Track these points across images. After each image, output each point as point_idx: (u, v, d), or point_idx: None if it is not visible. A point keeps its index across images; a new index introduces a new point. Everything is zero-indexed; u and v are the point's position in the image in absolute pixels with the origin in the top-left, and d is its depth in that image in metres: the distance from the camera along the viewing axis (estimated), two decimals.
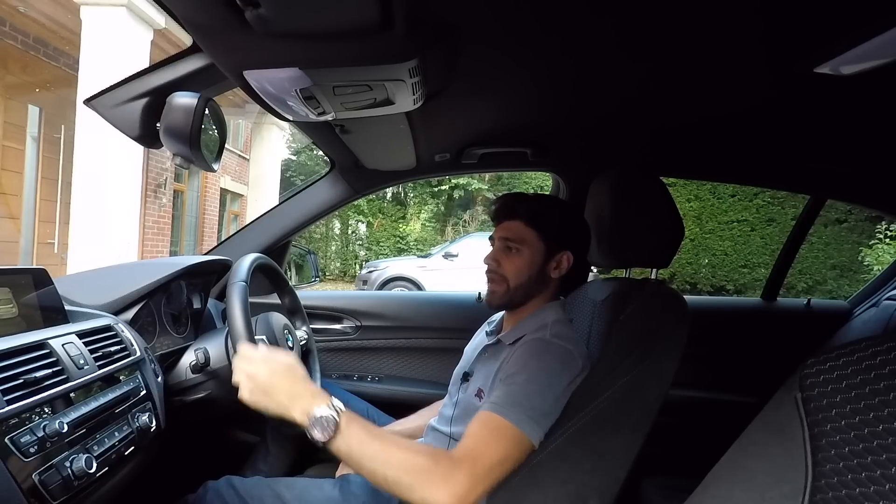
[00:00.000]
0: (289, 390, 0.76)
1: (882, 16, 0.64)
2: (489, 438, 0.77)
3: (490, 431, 0.78)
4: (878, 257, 6.85)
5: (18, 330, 0.71)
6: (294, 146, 14.39)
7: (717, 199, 8.61)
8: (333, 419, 0.73)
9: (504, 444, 0.76)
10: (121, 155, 4.41)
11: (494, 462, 0.75)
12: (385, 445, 0.74)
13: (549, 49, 0.84)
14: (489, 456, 0.75)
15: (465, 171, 1.57)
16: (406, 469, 0.72)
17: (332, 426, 0.72)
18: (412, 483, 0.71)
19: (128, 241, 4.71)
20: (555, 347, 0.87)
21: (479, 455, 0.75)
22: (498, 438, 0.77)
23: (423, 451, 0.75)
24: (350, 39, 0.62)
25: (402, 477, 0.71)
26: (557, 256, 0.98)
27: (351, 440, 0.73)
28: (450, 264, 7.82)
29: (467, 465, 0.73)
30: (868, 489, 0.41)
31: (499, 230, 1.01)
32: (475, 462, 0.73)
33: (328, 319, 1.69)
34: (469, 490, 0.71)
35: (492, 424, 0.78)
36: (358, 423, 0.75)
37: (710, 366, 1.69)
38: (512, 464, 0.77)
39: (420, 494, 0.70)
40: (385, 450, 0.73)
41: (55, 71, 5.13)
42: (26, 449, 0.59)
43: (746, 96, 1.04)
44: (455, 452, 0.75)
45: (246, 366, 0.78)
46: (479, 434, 0.78)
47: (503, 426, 0.78)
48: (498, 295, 0.98)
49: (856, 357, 0.47)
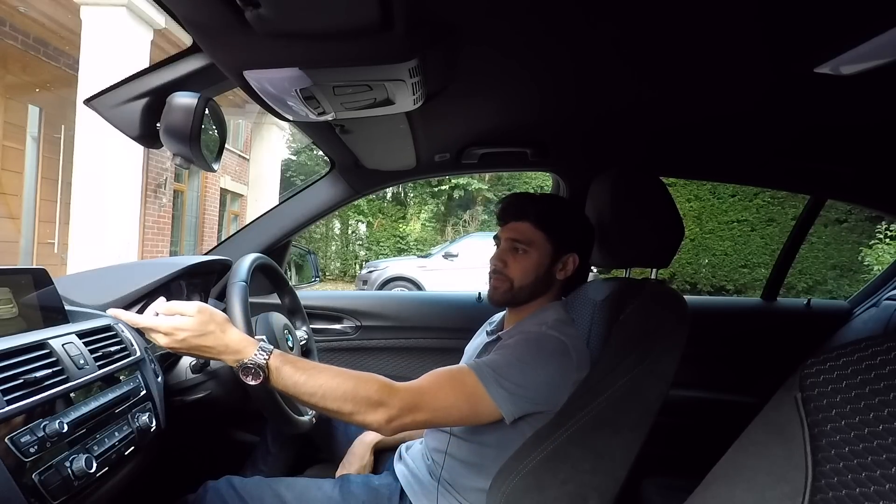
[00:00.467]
0: (214, 345, 0.79)
1: (882, 16, 0.64)
2: (444, 381, 0.80)
3: (450, 377, 0.81)
4: (878, 257, 6.85)
5: (18, 330, 0.71)
6: (294, 146, 14.39)
7: (717, 199, 8.61)
8: (263, 365, 0.77)
9: (456, 393, 0.79)
10: (121, 155, 4.41)
11: (438, 404, 0.78)
12: (321, 380, 0.77)
13: (550, 49, 0.84)
14: (434, 395, 0.79)
15: (465, 171, 1.57)
16: (344, 398, 0.76)
17: (262, 371, 0.77)
18: (352, 409, 0.76)
19: (128, 241, 4.71)
20: (548, 337, 0.88)
21: (424, 391, 0.79)
22: (453, 386, 0.80)
23: (361, 377, 0.78)
24: (350, 39, 0.62)
25: (342, 405, 0.76)
26: (564, 258, 0.98)
27: (285, 381, 0.78)
28: (450, 264, 7.82)
29: (405, 393, 0.77)
30: (868, 489, 0.41)
31: (506, 230, 0.99)
32: (414, 393, 0.77)
33: (328, 319, 1.69)
34: (399, 414, 0.76)
35: (455, 372, 0.81)
36: (290, 364, 0.79)
37: (710, 366, 1.69)
38: (460, 415, 0.80)
39: (359, 418, 0.77)
40: (321, 384, 0.77)
41: (55, 71, 5.13)
42: (26, 449, 0.59)
43: (747, 96, 1.04)
44: (403, 383, 0.79)
45: (164, 340, 0.80)
46: (436, 375, 0.81)
47: (465, 377, 0.80)
48: (500, 291, 0.98)
49: (856, 357, 0.47)
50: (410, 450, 1.06)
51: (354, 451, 1.13)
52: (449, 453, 0.94)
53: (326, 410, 0.78)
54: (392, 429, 0.77)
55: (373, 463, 1.12)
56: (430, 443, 1.00)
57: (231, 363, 0.79)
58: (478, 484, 0.90)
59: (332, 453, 1.22)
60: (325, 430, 1.25)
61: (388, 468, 1.06)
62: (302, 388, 0.77)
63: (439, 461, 0.95)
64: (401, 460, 1.04)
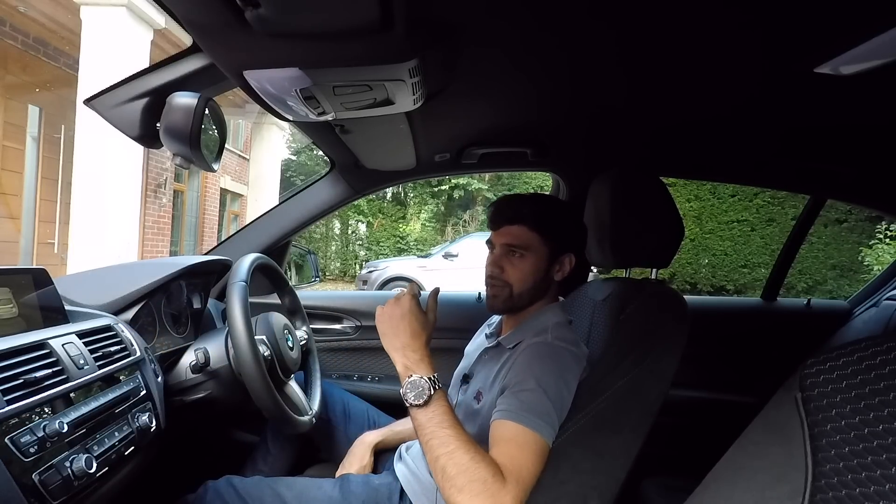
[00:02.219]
0: (406, 342, 0.83)
1: (882, 16, 0.64)
2: (522, 453, 0.77)
3: (520, 446, 0.77)
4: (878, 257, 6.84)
5: (18, 330, 0.71)
6: (294, 146, 14.39)
7: (717, 199, 8.60)
8: (428, 389, 0.78)
9: (535, 456, 0.77)
10: (121, 155, 4.41)
11: (532, 476, 0.75)
12: (459, 439, 0.75)
13: (550, 49, 0.84)
14: (528, 471, 0.75)
15: (465, 171, 1.57)
16: (465, 470, 0.72)
17: (425, 395, 0.78)
18: (464, 486, 0.71)
19: (128, 241, 4.71)
20: (558, 350, 0.87)
21: (521, 475, 0.74)
22: (530, 452, 0.77)
23: (486, 460, 0.74)
24: (350, 39, 0.62)
25: (458, 476, 0.72)
26: (561, 259, 0.97)
27: (433, 417, 0.77)
28: (450, 264, 7.82)
29: (513, 485, 0.72)
30: (868, 489, 0.41)
31: (500, 235, 0.96)
32: (519, 482, 0.73)
33: (328, 319, 1.69)
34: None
35: (520, 439, 0.77)
36: (446, 406, 0.79)
37: (710, 366, 1.69)
38: (539, 471, 0.77)
39: (466, 499, 0.71)
40: (457, 442, 0.75)
41: (55, 71, 5.13)
42: (26, 449, 0.59)
43: (747, 96, 1.04)
44: (503, 471, 0.74)
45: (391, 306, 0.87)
46: (511, 451, 0.77)
47: (530, 438, 0.77)
48: (500, 300, 0.96)
49: (856, 357, 0.47)
50: (410, 450, 1.05)
51: (354, 452, 1.13)
52: None
53: (442, 470, 0.74)
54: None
55: (373, 463, 1.12)
56: None
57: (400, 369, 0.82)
58: None
59: (332, 453, 1.22)
60: (325, 430, 1.25)
61: (388, 468, 1.06)
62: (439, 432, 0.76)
63: None
64: (401, 460, 1.04)
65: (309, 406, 1.14)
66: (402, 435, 1.16)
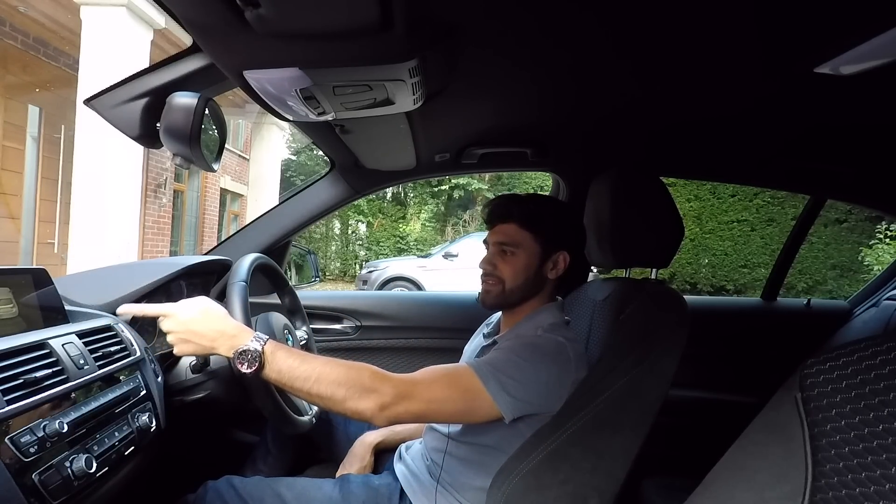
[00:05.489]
0: (211, 330, 0.80)
1: (882, 16, 0.64)
2: (439, 375, 0.80)
3: (446, 372, 0.81)
4: (878, 257, 6.85)
5: (18, 330, 0.71)
6: (294, 146, 14.38)
7: (717, 199, 8.61)
8: (258, 351, 0.77)
9: (452, 387, 0.79)
10: (121, 155, 4.41)
11: (432, 395, 0.78)
12: (314, 365, 0.78)
13: (549, 49, 0.84)
14: (428, 387, 0.78)
15: (465, 171, 1.57)
16: (338, 383, 0.76)
17: (256, 358, 0.77)
18: (344, 395, 0.76)
19: (128, 241, 4.71)
20: (544, 339, 0.88)
21: (417, 381, 0.78)
22: (449, 380, 0.79)
23: (354, 365, 0.78)
24: (350, 39, 0.62)
25: (335, 391, 0.76)
26: (554, 257, 0.98)
27: (280, 366, 0.78)
28: (450, 264, 7.82)
29: (398, 381, 0.77)
30: (868, 489, 0.41)
31: (493, 234, 1.00)
32: (408, 383, 0.77)
33: (328, 319, 1.69)
34: (392, 402, 0.75)
35: (451, 368, 0.81)
36: (283, 350, 0.80)
37: (710, 366, 1.69)
38: (454, 408, 0.79)
39: (352, 405, 0.76)
40: (315, 369, 0.77)
41: (55, 71, 5.13)
42: (26, 449, 0.59)
43: (746, 96, 1.04)
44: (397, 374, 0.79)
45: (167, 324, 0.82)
46: (432, 369, 0.81)
47: (461, 373, 0.80)
48: (493, 295, 0.98)
49: (856, 357, 0.47)
50: (410, 450, 1.06)
51: (355, 452, 1.13)
52: (448, 453, 0.94)
53: (319, 397, 0.77)
54: (385, 417, 0.77)
55: (373, 463, 1.12)
56: (429, 443, 1.00)
57: (226, 351, 0.79)
58: (477, 484, 0.90)
59: (332, 453, 1.22)
60: (325, 430, 1.25)
61: (388, 468, 1.06)
62: (296, 372, 0.77)
63: (439, 461, 0.95)
64: (401, 460, 1.04)
65: (309, 406, 1.14)
66: (402, 435, 1.16)
